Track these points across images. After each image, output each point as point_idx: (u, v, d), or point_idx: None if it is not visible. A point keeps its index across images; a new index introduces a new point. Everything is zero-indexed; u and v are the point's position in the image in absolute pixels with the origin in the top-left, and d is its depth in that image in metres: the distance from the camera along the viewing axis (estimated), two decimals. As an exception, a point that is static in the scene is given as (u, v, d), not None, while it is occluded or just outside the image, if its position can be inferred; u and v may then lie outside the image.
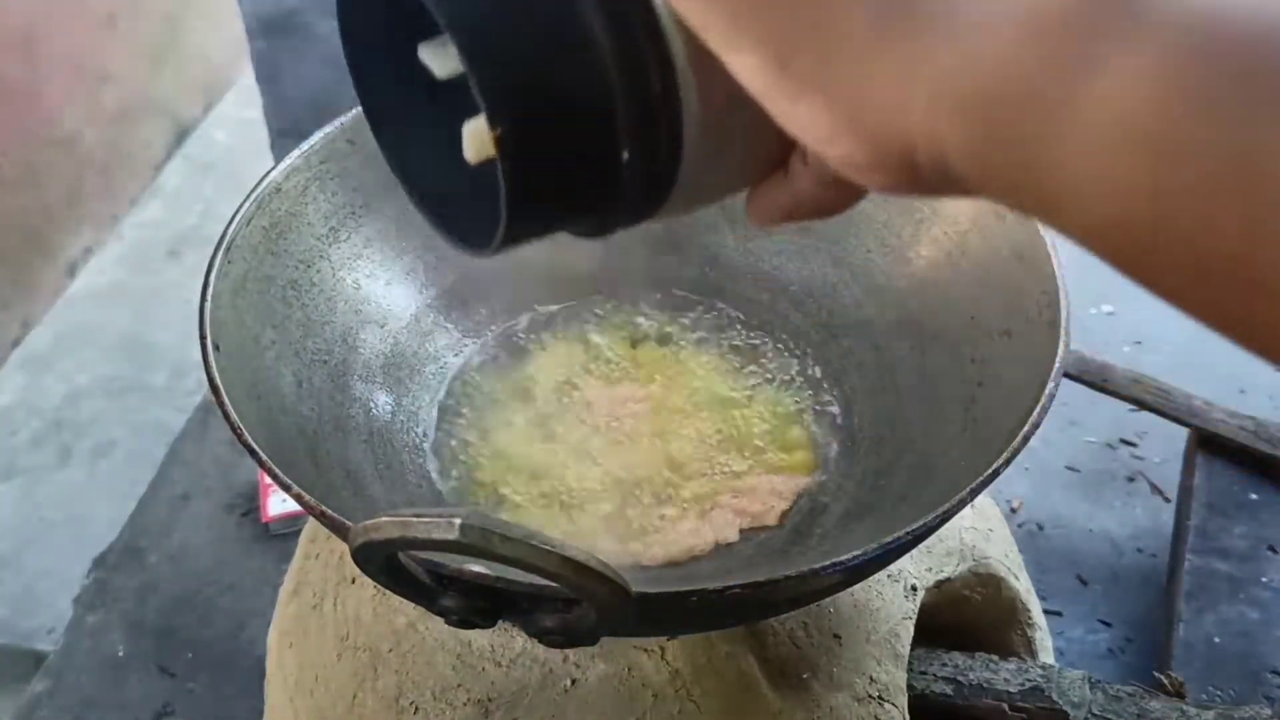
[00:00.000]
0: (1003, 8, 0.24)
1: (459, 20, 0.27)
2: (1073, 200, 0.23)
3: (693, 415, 0.62)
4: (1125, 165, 0.22)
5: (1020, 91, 0.23)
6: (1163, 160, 0.22)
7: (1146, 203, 0.22)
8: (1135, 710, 0.67)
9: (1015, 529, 0.90)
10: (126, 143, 1.49)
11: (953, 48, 0.24)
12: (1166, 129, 0.22)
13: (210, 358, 0.50)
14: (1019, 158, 0.24)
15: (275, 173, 0.60)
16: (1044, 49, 0.23)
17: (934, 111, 0.24)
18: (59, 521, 1.10)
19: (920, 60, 0.24)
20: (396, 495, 0.57)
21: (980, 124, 0.24)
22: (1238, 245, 0.21)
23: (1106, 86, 0.22)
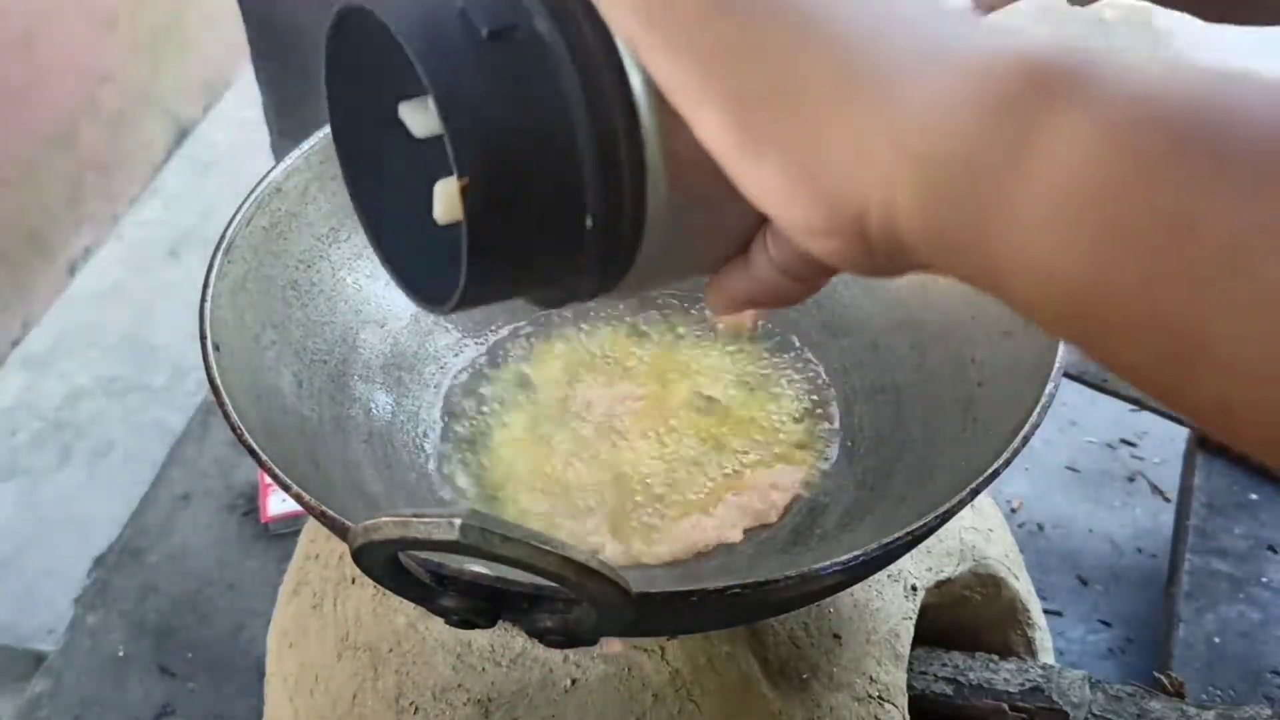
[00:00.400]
0: (957, 76, 0.24)
1: (440, 77, 0.28)
2: (1018, 268, 0.24)
3: (692, 414, 0.62)
4: (1068, 234, 0.23)
5: (969, 159, 0.24)
6: (1104, 230, 0.22)
7: (1090, 272, 0.23)
8: (1135, 710, 0.67)
9: (1015, 529, 0.90)
10: (126, 143, 1.49)
11: (908, 112, 0.25)
12: (1107, 199, 0.22)
13: (210, 358, 0.50)
14: (966, 224, 0.24)
15: (275, 173, 0.60)
16: (992, 118, 0.24)
17: (888, 174, 0.25)
18: (59, 521, 1.10)
19: (877, 123, 0.25)
20: (396, 495, 0.57)
21: (930, 188, 0.24)
22: (1180, 315, 0.22)
23: (1050, 157, 0.23)
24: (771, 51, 0.26)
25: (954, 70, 0.25)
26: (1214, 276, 0.21)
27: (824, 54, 0.26)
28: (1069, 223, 0.23)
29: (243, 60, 1.17)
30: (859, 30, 0.26)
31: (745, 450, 0.60)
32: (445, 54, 0.28)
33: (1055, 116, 0.23)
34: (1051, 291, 0.23)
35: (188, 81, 1.60)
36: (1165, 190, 0.22)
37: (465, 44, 0.29)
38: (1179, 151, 0.22)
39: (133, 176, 1.51)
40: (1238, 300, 0.21)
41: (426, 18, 0.29)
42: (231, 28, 1.10)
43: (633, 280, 0.32)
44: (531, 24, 0.29)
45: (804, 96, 0.26)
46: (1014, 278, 0.24)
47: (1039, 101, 0.23)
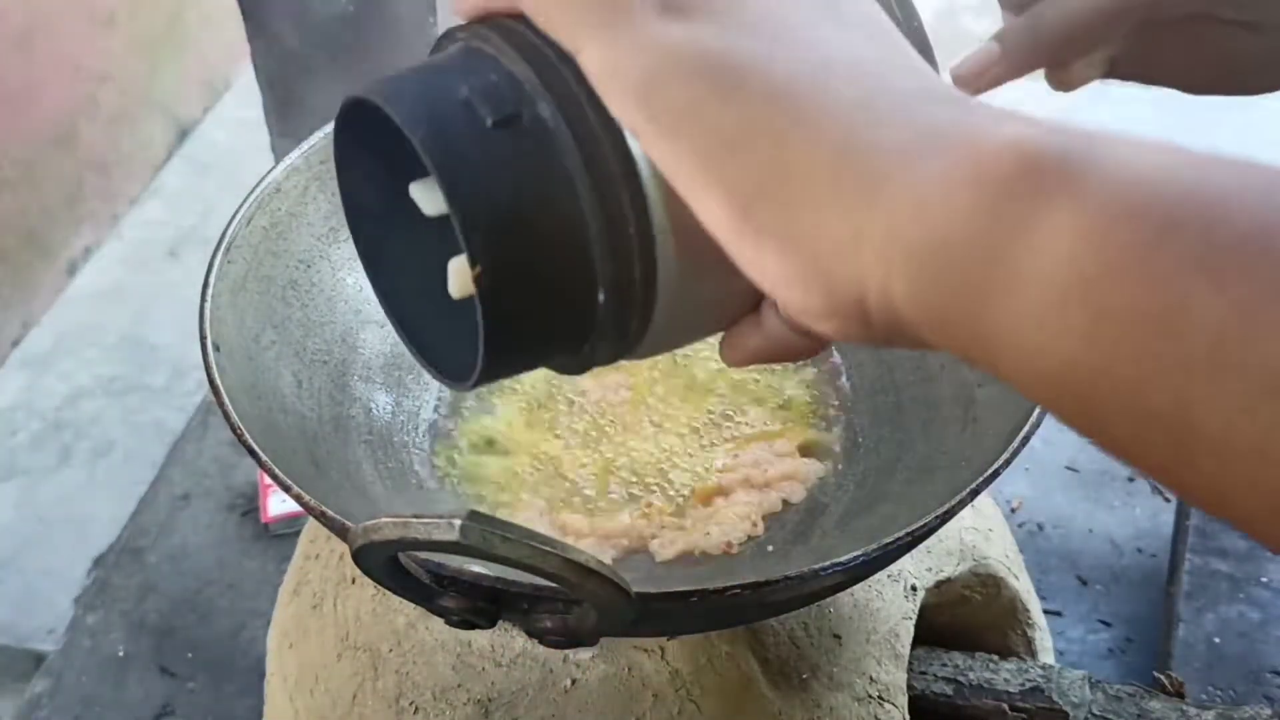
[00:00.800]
0: (950, 165, 0.25)
1: (446, 167, 0.29)
2: (1014, 352, 0.24)
3: (687, 407, 0.62)
4: (1061, 320, 0.23)
5: (963, 245, 0.24)
6: (1095, 321, 0.23)
7: (1083, 356, 0.23)
8: (1135, 710, 0.67)
9: (1015, 529, 0.90)
10: (126, 143, 1.49)
11: (902, 200, 0.25)
12: (1099, 286, 0.23)
13: (210, 358, 0.50)
14: (963, 308, 0.25)
15: (275, 173, 0.60)
16: (986, 206, 0.24)
17: (885, 259, 0.25)
18: (59, 521, 1.10)
19: (873, 211, 0.25)
20: (396, 495, 0.57)
21: (926, 273, 0.25)
22: (1173, 403, 0.22)
23: (1041, 248, 0.23)
24: (767, 141, 0.27)
25: (947, 158, 0.25)
26: (1203, 366, 0.21)
27: (818, 142, 0.26)
28: (1060, 313, 0.23)
29: (243, 60, 1.17)
30: (853, 116, 0.26)
31: (746, 440, 0.60)
32: (450, 144, 0.29)
33: (1047, 207, 0.23)
34: (1045, 377, 0.24)
35: (188, 81, 1.60)
36: (1151, 282, 0.22)
37: (470, 132, 0.29)
38: (1164, 242, 0.22)
39: (133, 176, 1.51)
40: (1228, 388, 0.21)
41: (431, 107, 0.29)
42: (231, 28, 1.10)
43: (649, 344, 0.33)
44: (535, 110, 0.29)
45: (800, 185, 0.26)
46: (1009, 362, 0.25)
47: (1031, 192, 0.24)
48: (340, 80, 1.00)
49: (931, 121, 0.26)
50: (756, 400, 0.63)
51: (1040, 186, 0.24)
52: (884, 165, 0.26)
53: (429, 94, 0.30)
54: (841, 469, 0.60)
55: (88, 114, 1.41)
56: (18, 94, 1.30)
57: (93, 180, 1.43)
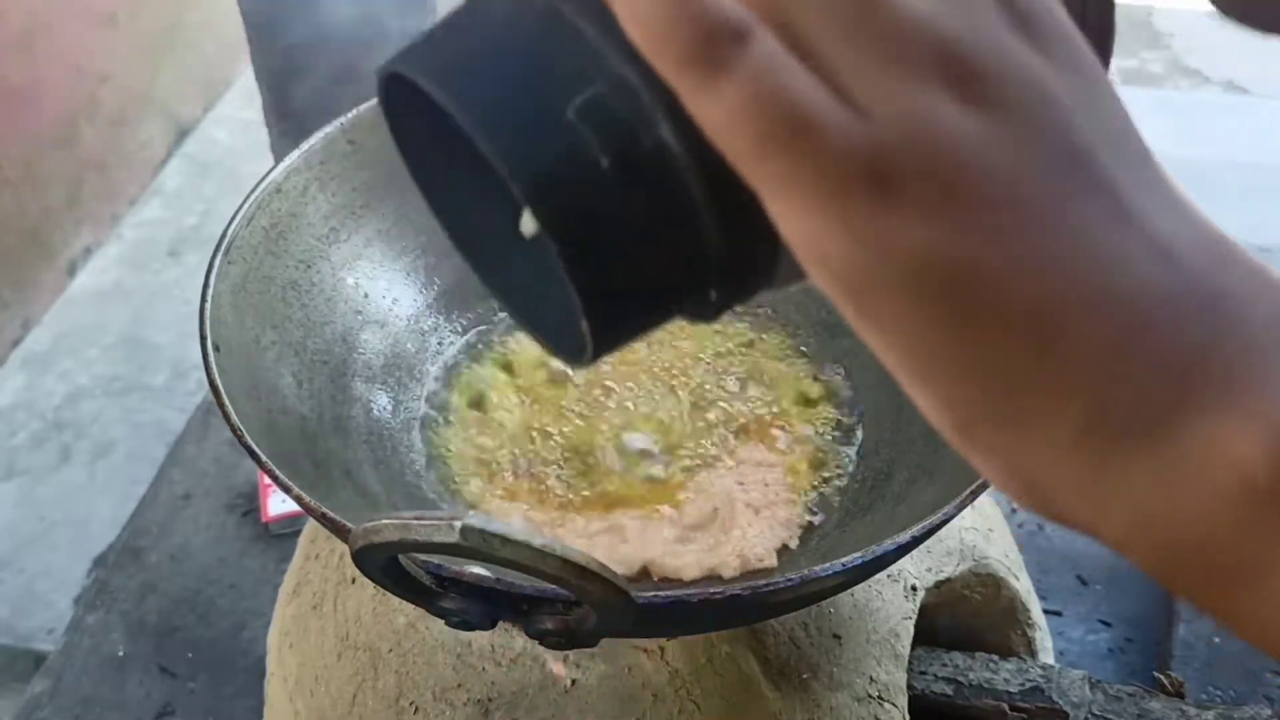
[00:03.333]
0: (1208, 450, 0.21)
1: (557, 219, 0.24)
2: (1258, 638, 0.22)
3: (688, 409, 0.62)
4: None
5: (1217, 549, 0.22)
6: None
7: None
8: (1135, 710, 0.67)
9: (1015, 529, 0.90)
10: (126, 143, 1.49)
11: (1157, 482, 0.22)
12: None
13: (210, 358, 0.50)
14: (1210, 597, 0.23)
15: (275, 173, 0.60)
16: (1246, 512, 0.21)
17: (1127, 536, 0.23)
18: (59, 521, 1.10)
19: (1121, 484, 0.22)
20: (397, 496, 0.57)
21: (1173, 563, 0.22)
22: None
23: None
24: (1000, 378, 0.22)
25: (1204, 436, 0.21)
26: None
27: (1061, 390, 0.22)
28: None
29: (243, 60, 1.17)
30: (1103, 358, 0.22)
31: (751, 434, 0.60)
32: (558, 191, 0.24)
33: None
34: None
35: (188, 81, 1.60)
36: None
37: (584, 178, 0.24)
38: None
39: (133, 176, 1.51)
40: None
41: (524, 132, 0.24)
42: (231, 28, 1.10)
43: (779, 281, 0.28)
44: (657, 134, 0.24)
45: (1034, 433, 0.22)
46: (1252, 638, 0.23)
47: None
48: (340, 80, 1.00)
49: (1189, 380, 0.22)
50: (758, 399, 0.63)
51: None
52: (1134, 431, 0.22)
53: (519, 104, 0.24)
54: (841, 470, 0.60)
55: (88, 114, 1.41)
56: (18, 94, 1.30)
57: (93, 180, 1.43)
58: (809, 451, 0.61)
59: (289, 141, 0.67)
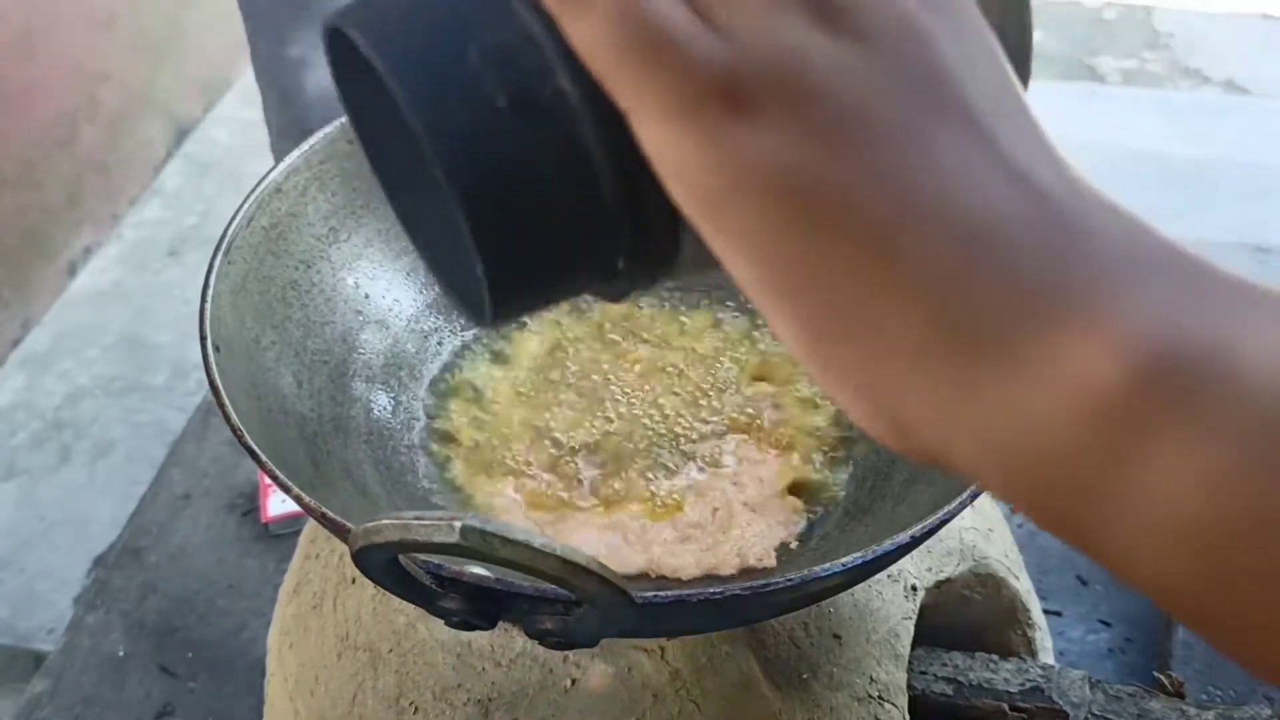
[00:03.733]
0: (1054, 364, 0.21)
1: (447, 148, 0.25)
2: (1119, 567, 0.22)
3: (686, 405, 0.62)
4: (1173, 559, 0.21)
5: (1064, 464, 0.21)
6: (1212, 564, 0.20)
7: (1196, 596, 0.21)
8: (1135, 710, 0.67)
9: (1015, 529, 0.90)
10: (126, 143, 1.49)
11: (1000, 395, 0.22)
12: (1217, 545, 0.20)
13: (210, 358, 0.50)
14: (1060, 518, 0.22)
15: (275, 173, 0.60)
16: (1093, 425, 0.21)
17: (977, 457, 0.23)
18: (59, 521, 1.10)
19: (966, 399, 0.22)
20: (397, 496, 0.57)
21: (1022, 485, 0.22)
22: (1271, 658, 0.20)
23: (1154, 479, 0.20)
24: (849, 288, 0.23)
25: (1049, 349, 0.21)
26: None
27: (908, 303, 0.22)
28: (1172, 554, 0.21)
29: (243, 60, 1.17)
30: (949, 278, 0.22)
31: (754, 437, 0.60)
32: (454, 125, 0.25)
33: (1163, 432, 0.20)
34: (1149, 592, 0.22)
35: (188, 81, 1.60)
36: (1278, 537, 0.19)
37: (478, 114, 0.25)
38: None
39: (133, 176, 1.51)
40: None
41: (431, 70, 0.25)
42: (231, 28, 1.10)
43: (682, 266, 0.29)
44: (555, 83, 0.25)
45: (884, 345, 0.23)
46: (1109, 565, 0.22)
47: (1148, 416, 0.20)
48: (340, 80, 1.00)
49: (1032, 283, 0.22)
50: (758, 397, 0.63)
51: (1152, 408, 0.20)
52: (977, 345, 0.22)
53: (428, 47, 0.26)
54: (842, 470, 0.60)
55: (88, 114, 1.41)
56: (18, 94, 1.30)
57: (93, 180, 1.43)
58: (809, 451, 0.61)
59: (289, 141, 0.67)
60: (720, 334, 0.66)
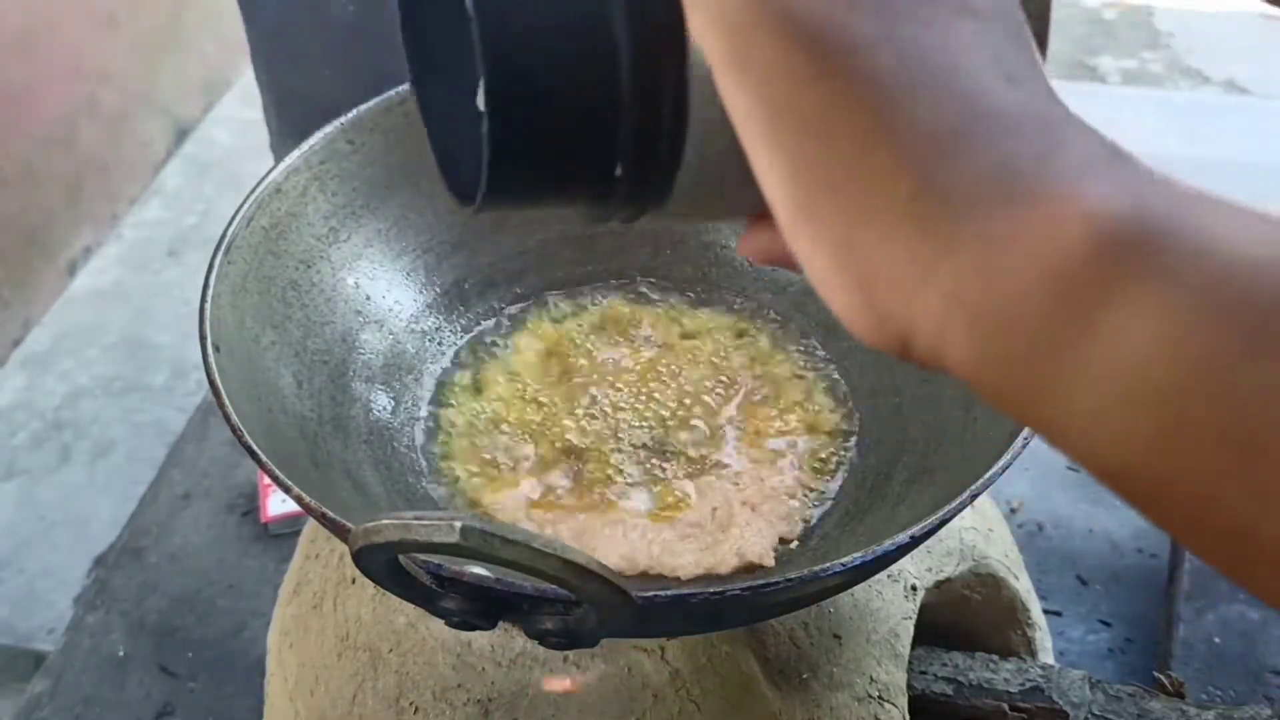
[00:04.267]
0: (1027, 225, 0.23)
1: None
2: (1074, 439, 0.23)
3: (685, 403, 0.62)
4: (1127, 423, 0.22)
5: (1029, 324, 0.23)
6: (1164, 426, 0.21)
7: (1147, 463, 0.22)
8: (1135, 710, 0.67)
9: (1015, 529, 0.90)
10: (126, 143, 1.49)
11: (974, 255, 0.23)
12: (1172, 397, 0.21)
13: (210, 358, 0.50)
14: (1017, 385, 0.23)
15: (275, 173, 0.60)
16: (1059, 286, 0.22)
17: (943, 315, 0.24)
18: (59, 521, 1.10)
19: (942, 257, 0.24)
20: (397, 496, 0.57)
21: (986, 344, 0.23)
22: (1239, 521, 0.21)
23: (1113, 339, 0.22)
24: (849, 138, 0.24)
25: (1027, 211, 0.23)
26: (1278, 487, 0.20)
27: (897, 156, 0.24)
28: (1126, 417, 0.22)
29: (243, 60, 1.17)
30: (940, 133, 0.24)
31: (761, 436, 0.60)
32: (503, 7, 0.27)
33: (1126, 297, 0.21)
34: (1105, 470, 0.23)
35: (188, 81, 1.60)
36: (1233, 400, 0.20)
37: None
38: (1253, 354, 0.20)
39: (133, 176, 1.51)
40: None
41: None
42: (231, 28, 1.10)
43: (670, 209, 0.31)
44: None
45: (871, 200, 0.24)
46: (1067, 445, 0.23)
47: (1106, 277, 0.22)
48: (341, 81, 1.00)
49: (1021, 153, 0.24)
50: (760, 397, 0.63)
51: (1125, 268, 0.22)
52: (960, 204, 0.23)
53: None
54: (841, 470, 0.60)
55: (88, 114, 1.41)
56: (18, 94, 1.30)
57: (93, 180, 1.43)
58: (808, 450, 0.61)
59: (289, 141, 0.67)
60: (721, 334, 0.66)
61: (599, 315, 0.67)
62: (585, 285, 0.69)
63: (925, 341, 0.24)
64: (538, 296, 0.68)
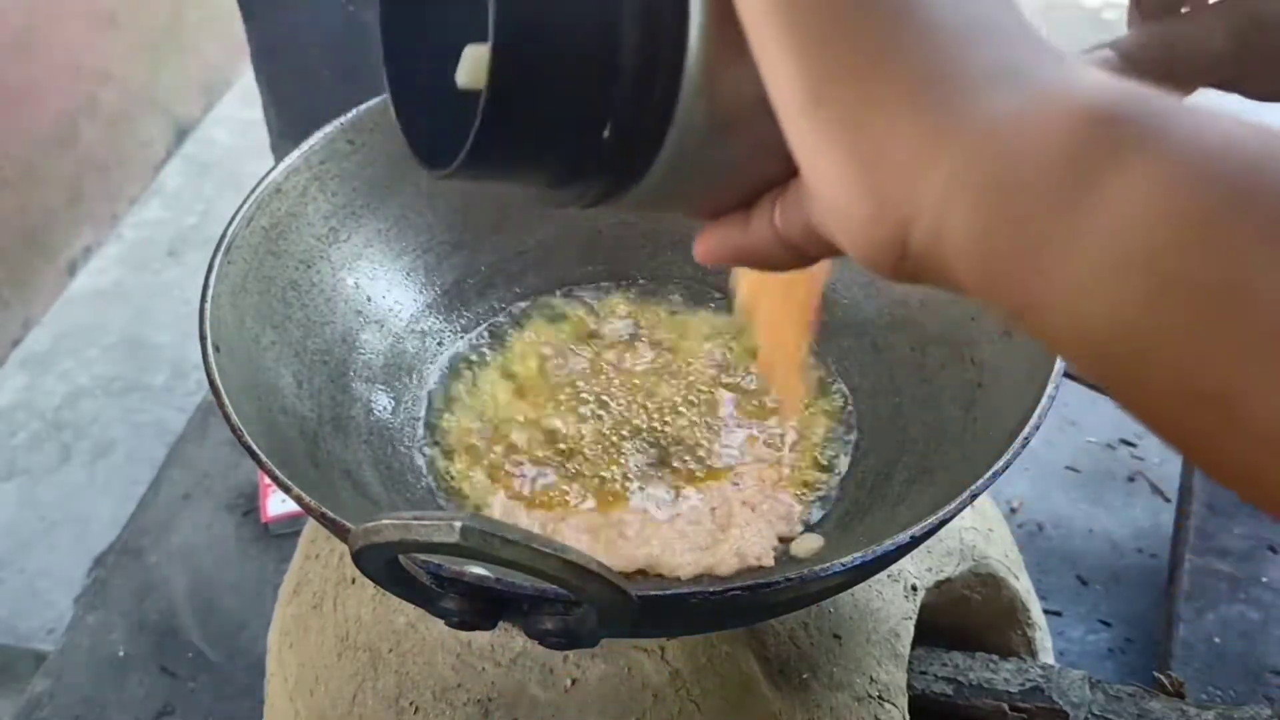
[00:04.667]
0: (1032, 105, 0.25)
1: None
2: (1060, 308, 0.24)
3: (682, 404, 0.62)
4: (1120, 282, 0.22)
5: (1035, 187, 0.24)
6: (1153, 284, 0.22)
7: (1135, 324, 0.22)
8: (1135, 710, 0.67)
9: (1015, 529, 0.90)
10: (126, 143, 1.49)
11: (979, 132, 0.25)
12: (1160, 259, 0.22)
13: (210, 358, 0.50)
14: (1016, 256, 0.24)
15: (275, 173, 0.60)
16: (1063, 152, 0.24)
17: (950, 190, 0.25)
18: (59, 521, 1.10)
19: (949, 133, 0.25)
20: (397, 495, 0.57)
21: (992, 211, 0.24)
22: (1221, 380, 0.21)
23: (1109, 208, 0.23)
24: (863, 30, 0.26)
25: (1031, 98, 0.25)
26: (1261, 348, 0.21)
27: (913, 47, 0.25)
28: (1119, 277, 0.22)
29: (243, 60, 1.17)
30: (952, 31, 0.26)
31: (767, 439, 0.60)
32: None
33: (1119, 167, 0.23)
34: (1090, 337, 0.23)
35: (188, 81, 1.60)
36: (1217, 254, 0.21)
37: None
38: (1237, 216, 0.21)
39: (133, 176, 1.51)
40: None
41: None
42: (231, 28, 1.10)
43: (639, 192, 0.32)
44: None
45: (884, 86, 0.25)
46: (1054, 315, 0.24)
47: (1108, 146, 0.23)
48: (340, 81, 1.00)
49: (1022, 56, 0.26)
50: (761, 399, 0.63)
51: (1118, 141, 0.23)
52: (970, 91, 0.25)
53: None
54: (841, 470, 0.60)
55: (88, 114, 1.41)
56: (18, 94, 1.31)
57: (93, 180, 1.43)
58: (808, 450, 0.61)
59: (289, 141, 0.67)
60: (721, 336, 0.66)
61: (599, 315, 0.67)
62: (585, 285, 0.69)
63: (925, 222, 0.25)
64: (538, 296, 0.68)
